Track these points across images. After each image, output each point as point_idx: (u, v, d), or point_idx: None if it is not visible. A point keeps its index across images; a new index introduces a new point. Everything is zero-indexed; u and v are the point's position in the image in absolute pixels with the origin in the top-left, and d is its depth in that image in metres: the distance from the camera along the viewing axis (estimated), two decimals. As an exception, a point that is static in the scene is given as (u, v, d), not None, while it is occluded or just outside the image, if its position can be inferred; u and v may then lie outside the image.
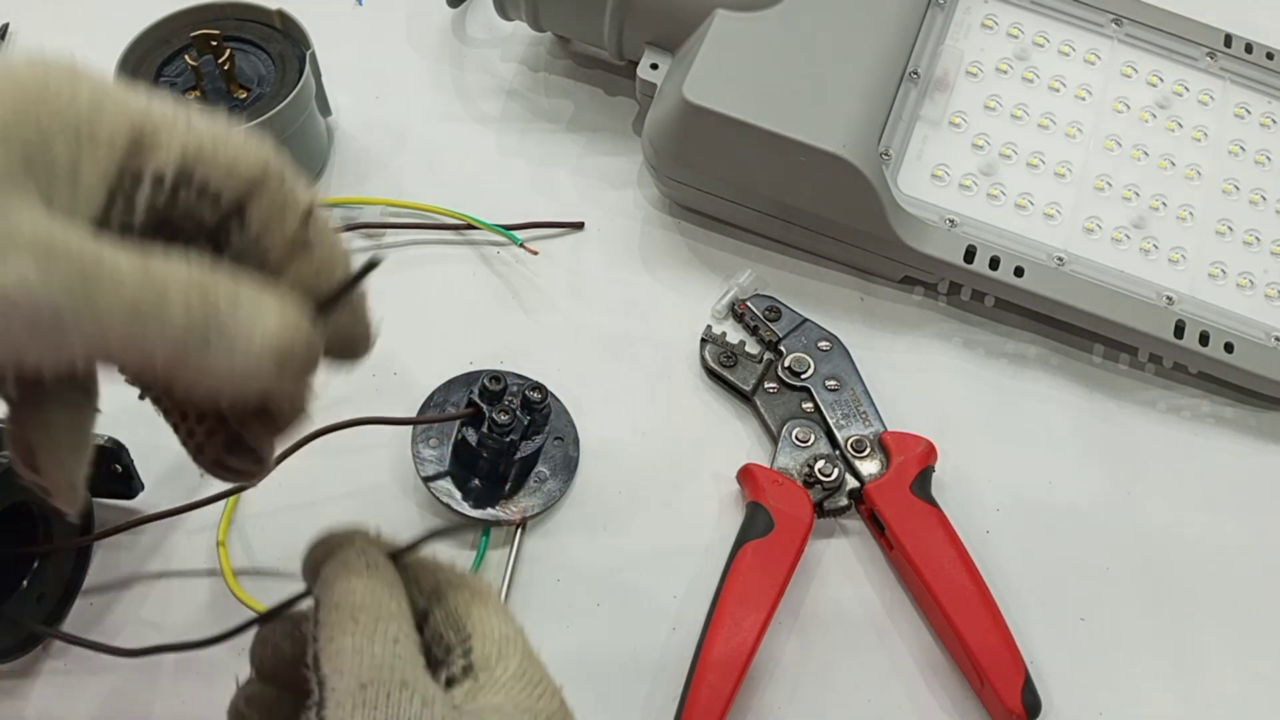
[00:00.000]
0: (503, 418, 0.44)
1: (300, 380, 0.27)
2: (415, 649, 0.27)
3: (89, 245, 0.23)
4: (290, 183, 0.28)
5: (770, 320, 0.51)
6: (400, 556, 0.30)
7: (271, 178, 0.28)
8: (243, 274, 0.26)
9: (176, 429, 0.30)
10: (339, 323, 0.29)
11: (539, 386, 0.45)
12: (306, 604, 0.30)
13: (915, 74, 0.54)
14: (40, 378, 0.24)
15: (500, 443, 0.44)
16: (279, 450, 0.31)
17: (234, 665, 0.35)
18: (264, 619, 0.31)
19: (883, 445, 0.48)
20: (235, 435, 0.29)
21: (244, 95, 0.51)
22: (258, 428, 0.29)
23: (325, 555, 0.29)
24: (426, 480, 0.45)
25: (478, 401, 0.44)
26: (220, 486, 0.45)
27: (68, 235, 0.23)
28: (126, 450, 0.43)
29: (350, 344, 0.30)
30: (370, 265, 0.28)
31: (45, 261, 0.22)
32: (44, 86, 0.24)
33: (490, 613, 0.29)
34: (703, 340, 0.51)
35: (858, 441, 0.48)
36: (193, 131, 0.26)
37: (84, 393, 0.28)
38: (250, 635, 0.32)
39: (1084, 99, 0.55)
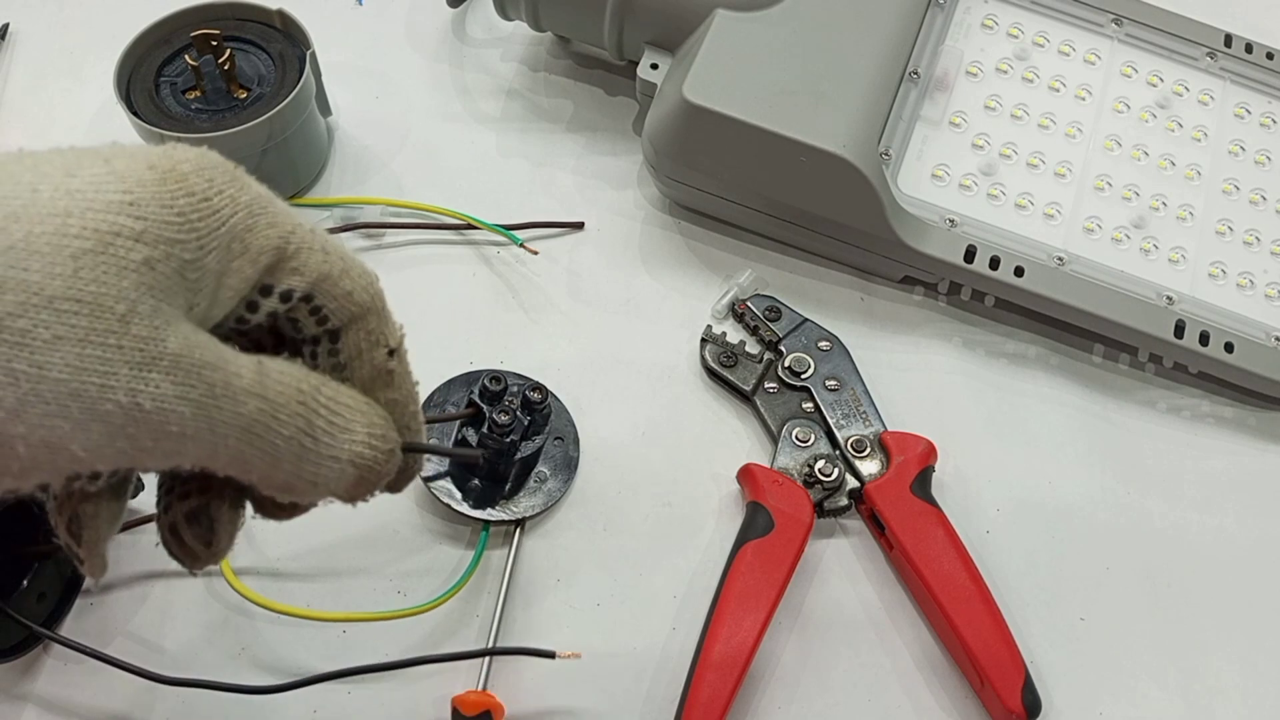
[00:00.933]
0: (503, 418, 0.44)
1: (365, 494, 0.29)
2: None
3: (221, 362, 0.24)
4: (387, 318, 0.30)
5: (770, 320, 0.51)
6: None
7: (373, 313, 0.29)
8: (342, 386, 0.28)
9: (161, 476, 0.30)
10: (408, 460, 0.30)
11: (539, 387, 0.45)
12: None
13: (915, 74, 0.54)
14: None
15: (500, 443, 0.44)
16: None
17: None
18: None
19: (883, 445, 0.48)
20: (203, 506, 0.28)
21: (244, 95, 0.51)
22: (232, 515, 0.29)
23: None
24: (426, 480, 0.45)
25: (478, 401, 0.44)
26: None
27: (204, 352, 0.24)
28: None
29: (399, 481, 0.31)
30: (475, 454, 0.31)
31: (182, 379, 0.23)
32: (208, 195, 0.25)
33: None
34: (703, 340, 0.51)
35: (858, 441, 0.48)
36: (328, 257, 0.27)
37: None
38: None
39: (1084, 99, 0.55)
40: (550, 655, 0.42)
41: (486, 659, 0.42)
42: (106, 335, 0.22)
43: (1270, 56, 0.57)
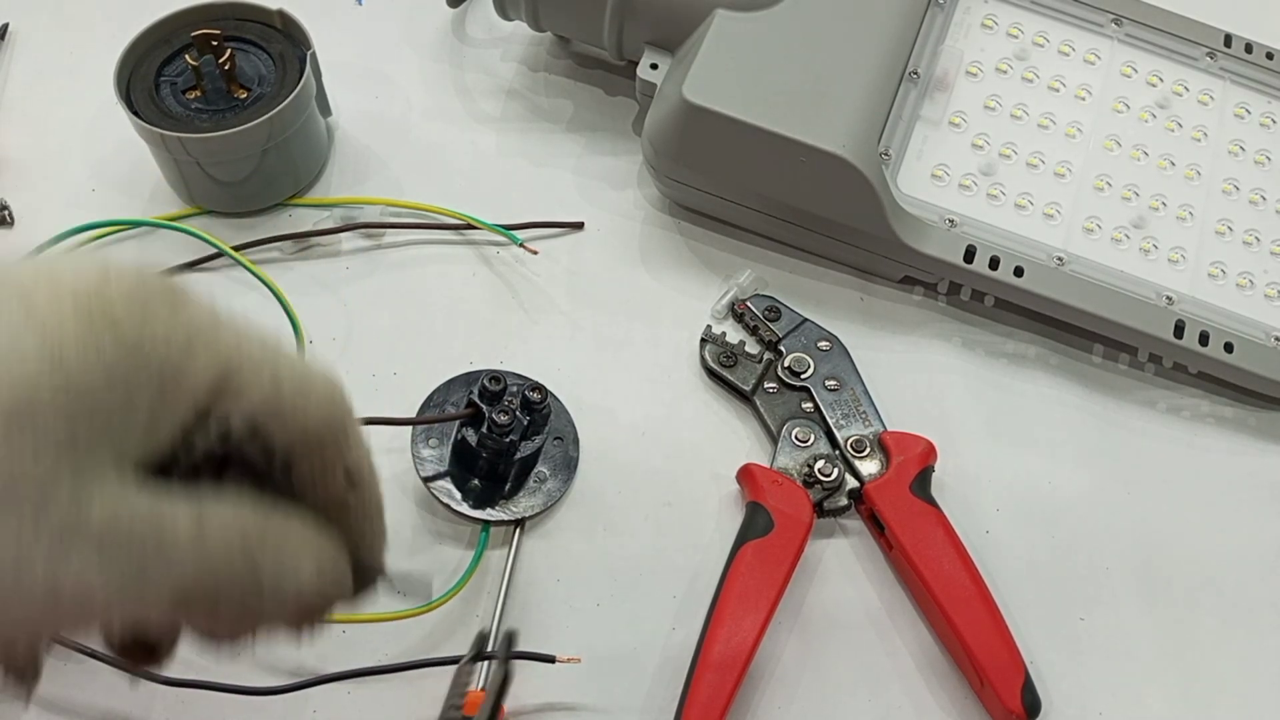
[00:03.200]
0: (502, 418, 0.44)
1: (309, 628, 0.27)
2: None
3: (154, 523, 0.23)
4: (348, 441, 0.27)
5: (770, 320, 0.51)
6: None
7: (328, 441, 0.26)
8: (290, 519, 0.26)
9: None
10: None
11: (539, 387, 0.45)
12: None
13: (915, 74, 0.54)
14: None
15: (500, 443, 0.44)
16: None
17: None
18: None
19: (882, 445, 0.47)
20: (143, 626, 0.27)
21: (244, 95, 0.51)
22: (175, 638, 0.28)
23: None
24: (426, 480, 0.45)
25: (477, 402, 0.44)
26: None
27: (135, 516, 0.22)
28: None
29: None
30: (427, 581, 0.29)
31: (108, 554, 0.22)
32: (139, 341, 0.23)
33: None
34: (703, 340, 0.51)
35: (857, 441, 0.48)
36: (276, 382, 0.25)
37: None
38: None
39: (1084, 99, 0.55)
40: (550, 660, 0.42)
41: (486, 661, 0.42)
42: (21, 519, 0.21)
43: (1270, 56, 0.57)
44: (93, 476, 0.22)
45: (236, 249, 0.51)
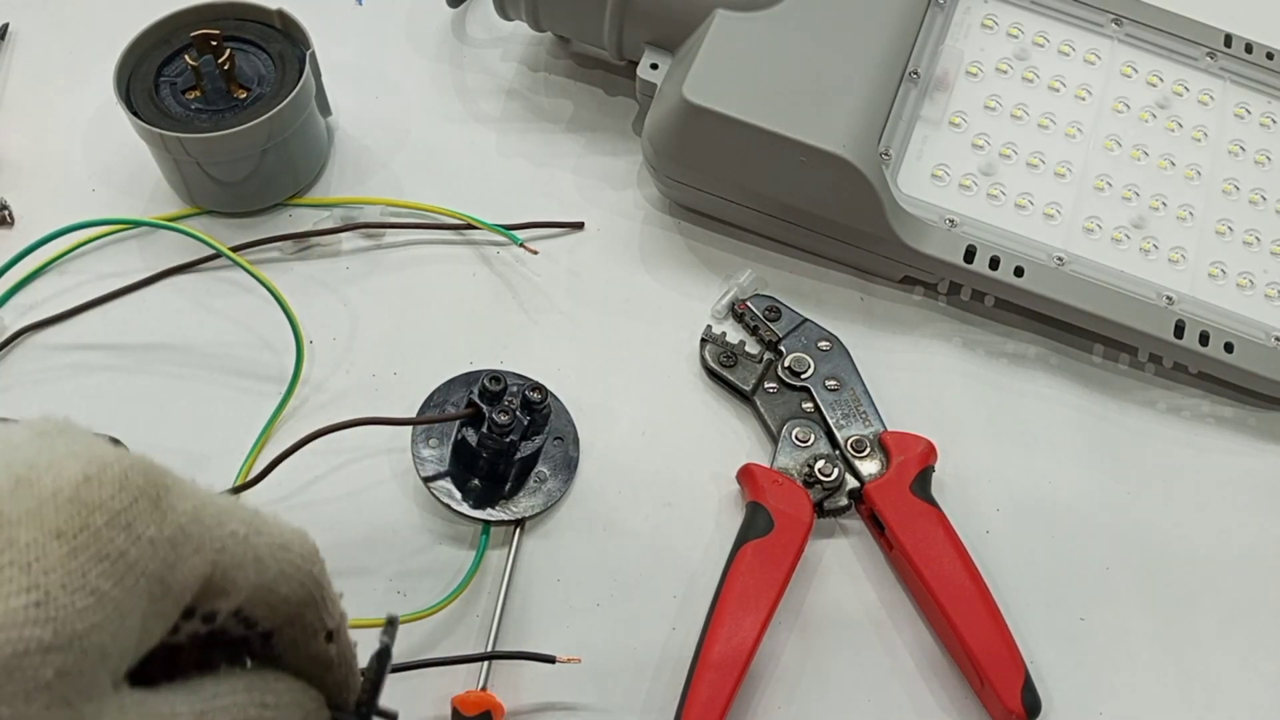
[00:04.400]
0: (502, 418, 0.44)
1: None
2: None
3: None
4: (325, 603, 0.27)
5: (770, 320, 0.51)
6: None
7: (309, 606, 0.26)
8: (280, 690, 0.26)
9: None
10: None
11: (539, 387, 0.45)
12: None
13: (915, 74, 0.54)
14: None
15: (500, 443, 0.44)
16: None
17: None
18: None
19: (883, 445, 0.47)
20: None
21: (244, 95, 0.51)
22: None
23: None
24: (426, 480, 0.45)
25: (477, 402, 0.44)
26: (221, 485, 0.45)
27: None
28: (126, 451, 0.43)
29: None
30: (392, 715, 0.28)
31: None
32: (124, 551, 0.22)
33: None
34: (703, 340, 0.51)
35: (858, 441, 0.48)
36: (261, 567, 0.25)
37: None
38: None
39: (1084, 99, 0.55)
40: (550, 660, 0.42)
41: (489, 660, 0.42)
42: None
43: (1270, 56, 0.57)
44: (89, 703, 0.21)
45: (236, 249, 0.51)
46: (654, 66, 0.53)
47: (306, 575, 0.26)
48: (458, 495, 0.45)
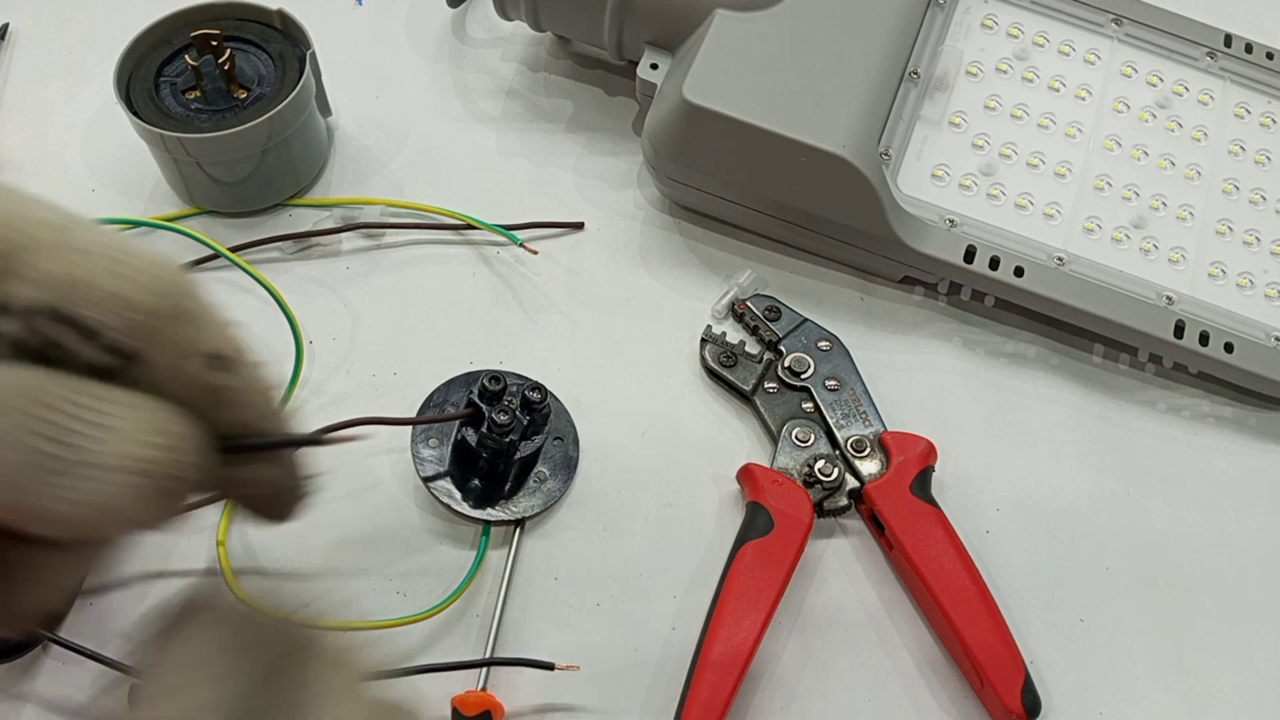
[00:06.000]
0: (502, 418, 0.44)
1: (160, 511, 0.22)
2: None
3: None
4: (203, 321, 0.23)
5: (770, 320, 0.51)
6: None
7: (168, 319, 0.23)
8: (116, 388, 0.22)
9: None
10: (259, 473, 0.25)
11: (539, 387, 0.45)
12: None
13: (915, 74, 0.54)
14: None
15: (500, 443, 0.44)
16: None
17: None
18: None
19: (883, 445, 0.47)
20: None
21: (244, 95, 0.51)
22: (45, 560, 0.23)
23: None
24: (426, 480, 0.45)
25: (477, 402, 0.44)
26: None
27: None
28: None
29: (268, 502, 0.26)
30: (314, 439, 0.24)
31: None
32: None
33: (341, 703, 0.24)
34: (703, 340, 0.51)
35: (858, 441, 0.48)
36: (81, 257, 0.21)
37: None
38: None
39: (1084, 99, 0.55)
40: (549, 667, 0.42)
41: (488, 666, 0.42)
42: None
43: (1270, 56, 0.57)
44: None
45: (236, 249, 0.51)
46: (654, 66, 0.53)
47: (155, 279, 0.22)
48: (458, 495, 0.45)
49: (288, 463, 0.26)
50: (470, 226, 0.54)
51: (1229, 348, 0.50)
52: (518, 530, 0.46)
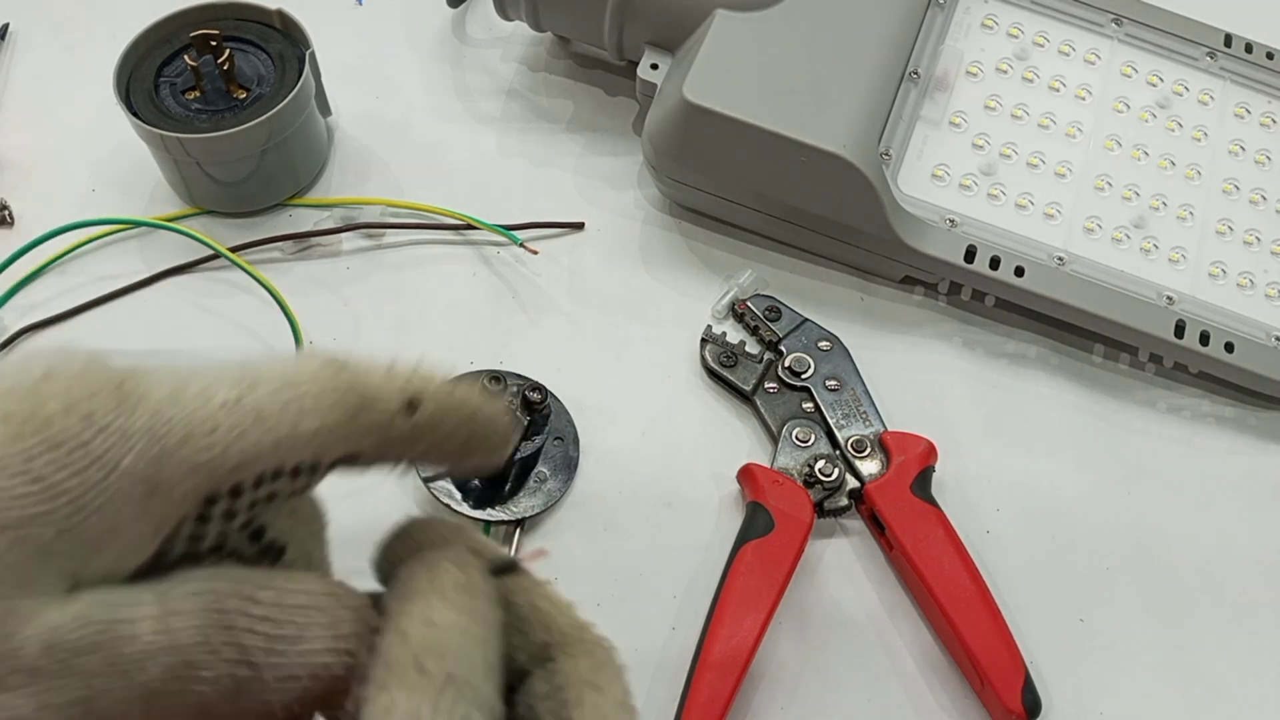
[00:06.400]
0: (503, 418, 0.44)
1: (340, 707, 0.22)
2: None
3: (107, 628, 0.19)
4: (375, 399, 0.24)
5: (770, 320, 0.51)
6: (508, 572, 0.24)
7: (359, 415, 0.23)
8: (294, 575, 0.22)
9: None
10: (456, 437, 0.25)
11: (539, 387, 0.45)
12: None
13: (915, 74, 0.54)
14: None
15: (500, 443, 0.44)
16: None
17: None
18: None
19: (883, 445, 0.47)
20: None
21: (244, 95, 0.51)
22: None
23: (408, 554, 0.24)
24: (426, 480, 0.45)
25: (478, 401, 0.44)
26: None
27: (81, 630, 0.19)
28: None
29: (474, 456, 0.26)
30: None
31: (47, 686, 0.19)
32: (84, 441, 0.20)
33: (608, 702, 0.23)
34: (703, 340, 0.51)
35: (858, 441, 0.48)
36: (267, 427, 0.22)
37: None
38: None
39: (1084, 99, 0.55)
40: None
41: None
42: None
43: (1270, 56, 0.57)
44: (26, 601, 0.19)
45: (236, 249, 0.51)
46: (654, 66, 0.53)
47: (332, 394, 0.22)
48: (458, 495, 0.45)
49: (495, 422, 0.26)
50: (470, 226, 0.54)
51: (1229, 347, 0.50)
52: (518, 530, 0.46)
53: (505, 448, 0.26)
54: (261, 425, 0.22)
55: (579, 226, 0.55)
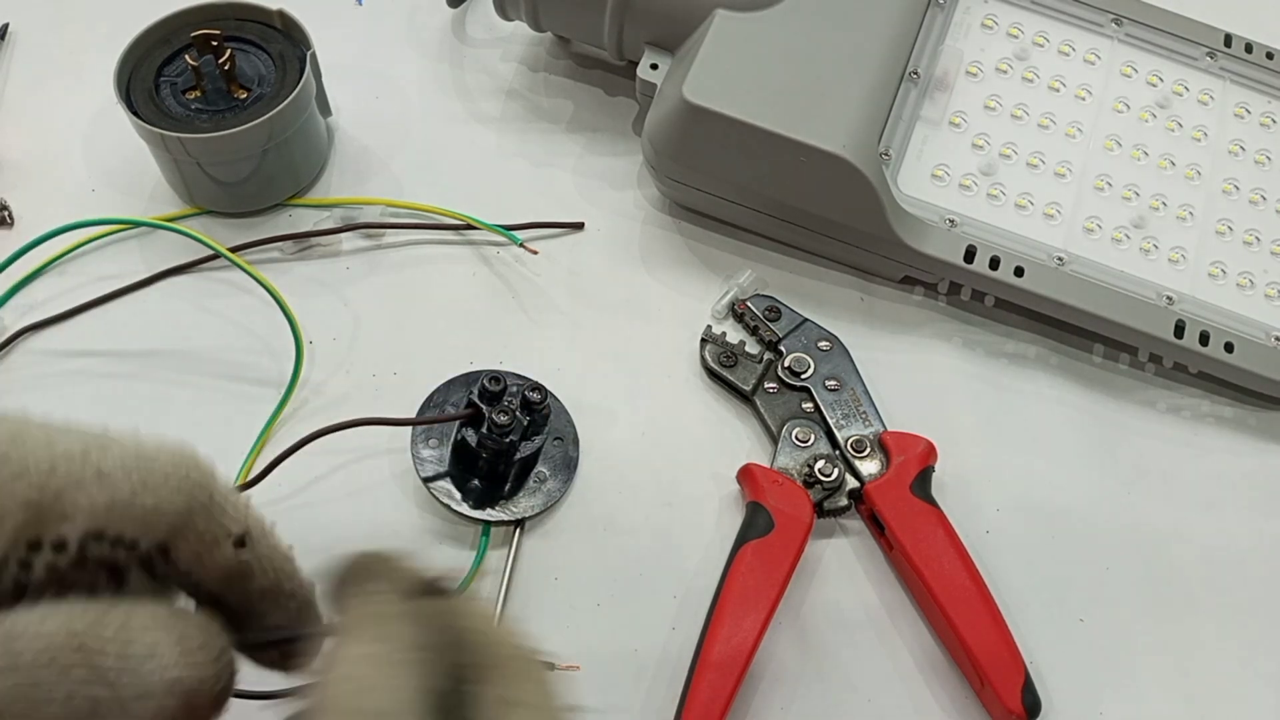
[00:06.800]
0: (502, 418, 0.44)
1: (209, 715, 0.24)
2: None
3: None
4: (222, 506, 0.25)
5: (770, 320, 0.51)
6: (433, 595, 0.25)
7: (196, 513, 0.25)
8: (139, 603, 0.23)
9: None
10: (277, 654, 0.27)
11: (538, 387, 0.45)
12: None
13: (915, 74, 0.54)
14: None
15: (500, 443, 0.44)
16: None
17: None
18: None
19: (883, 445, 0.47)
20: None
21: (244, 96, 0.51)
22: None
23: (337, 594, 0.26)
24: (426, 481, 0.45)
25: (477, 402, 0.44)
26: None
27: None
28: None
29: (277, 665, 0.27)
30: (331, 630, 0.25)
31: None
32: None
33: (535, 717, 0.24)
34: (703, 340, 0.51)
35: (858, 441, 0.48)
36: (104, 487, 0.23)
37: None
38: None
39: (1084, 99, 0.55)
40: (549, 667, 0.42)
41: None
42: None
43: (1270, 56, 0.57)
44: None
45: (236, 249, 0.51)
46: (654, 66, 0.53)
47: (181, 480, 0.24)
48: (458, 496, 0.45)
49: (312, 645, 0.27)
50: (470, 226, 0.54)
51: (1229, 348, 0.50)
52: (518, 530, 0.46)
53: (300, 623, 0.27)
54: (100, 483, 0.23)
55: (579, 226, 0.55)
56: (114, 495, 0.23)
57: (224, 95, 0.51)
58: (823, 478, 0.46)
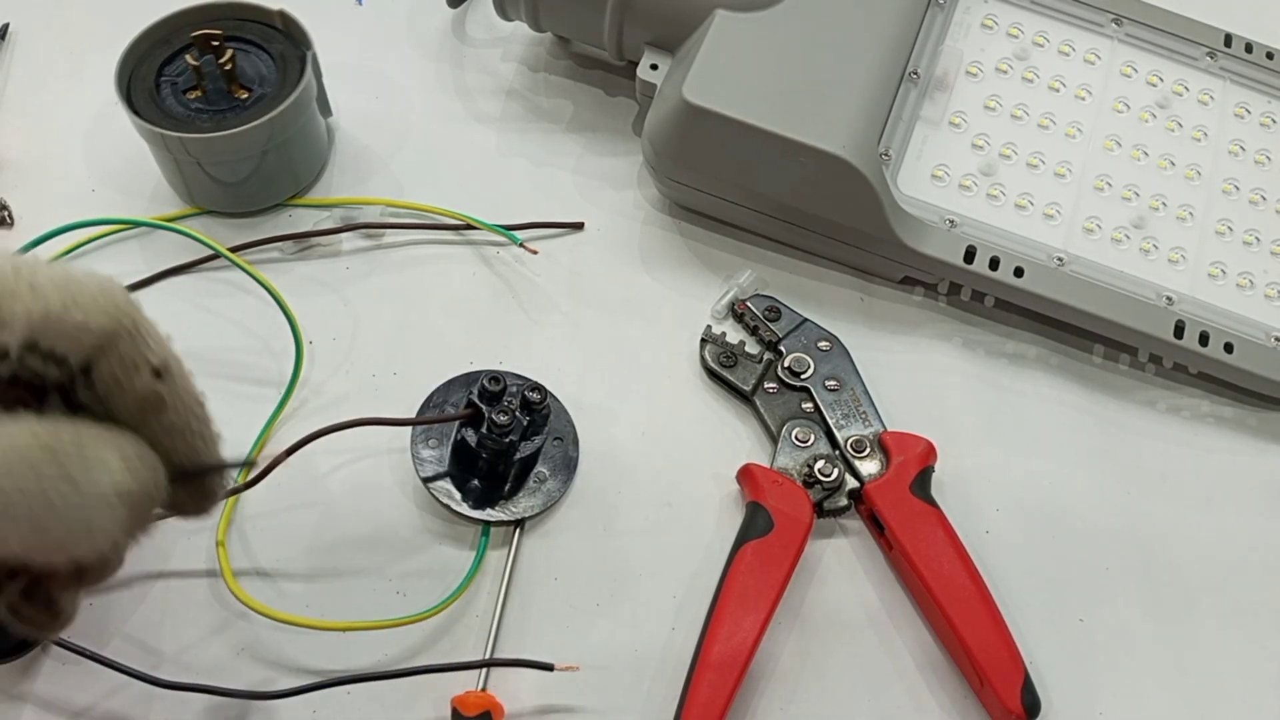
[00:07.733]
0: (502, 418, 0.44)
1: (140, 530, 0.26)
2: None
3: None
4: (141, 340, 0.27)
5: (770, 320, 0.51)
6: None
7: (121, 336, 0.26)
8: (86, 424, 0.25)
9: None
10: (199, 489, 0.29)
11: (538, 387, 0.45)
12: None
13: (915, 74, 0.54)
14: None
15: (499, 443, 0.44)
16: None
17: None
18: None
19: (882, 445, 0.48)
20: (36, 581, 0.27)
21: (245, 96, 0.51)
22: (65, 581, 0.27)
23: None
24: (426, 481, 0.45)
25: (477, 402, 0.44)
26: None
27: None
28: None
29: (188, 506, 0.30)
30: (241, 464, 0.27)
31: None
32: None
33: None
34: (703, 340, 0.51)
35: (857, 441, 0.48)
36: (38, 298, 0.25)
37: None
38: None
39: (1084, 99, 0.55)
40: (549, 668, 0.42)
41: (487, 667, 0.42)
42: None
43: (1270, 56, 0.57)
44: None
45: (236, 249, 0.51)
46: (654, 67, 0.53)
47: (108, 303, 0.26)
48: (457, 496, 0.45)
49: (219, 481, 0.30)
50: (470, 226, 0.54)
51: (1229, 348, 0.50)
52: (517, 530, 0.46)
53: (208, 454, 0.29)
54: (34, 294, 0.25)
55: (579, 226, 0.55)
56: (47, 306, 0.25)
57: (225, 95, 0.51)
58: (822, 478, 0.46)
